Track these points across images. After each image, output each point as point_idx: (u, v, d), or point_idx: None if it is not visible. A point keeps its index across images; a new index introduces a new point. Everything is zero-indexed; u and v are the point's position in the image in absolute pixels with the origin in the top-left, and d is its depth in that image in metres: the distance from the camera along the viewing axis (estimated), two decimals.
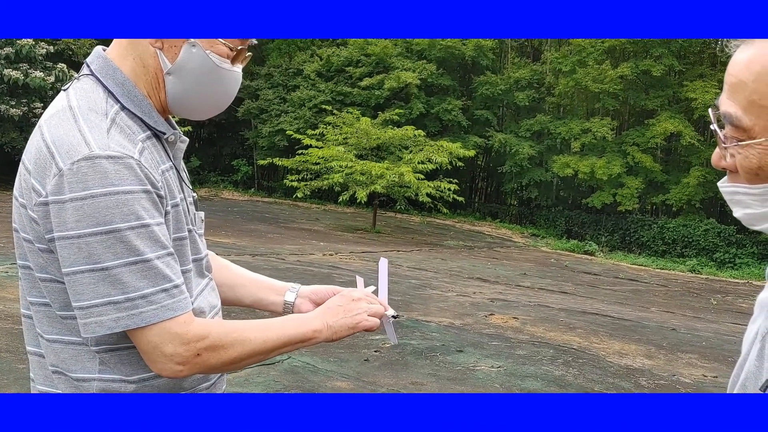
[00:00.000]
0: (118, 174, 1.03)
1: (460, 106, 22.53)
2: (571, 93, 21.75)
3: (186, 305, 1.09)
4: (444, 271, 11.28)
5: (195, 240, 1.23)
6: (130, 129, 1.11)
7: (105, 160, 1.03)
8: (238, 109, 24.31)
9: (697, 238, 19.39)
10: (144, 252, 1.04)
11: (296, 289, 1.42)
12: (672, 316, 9.05)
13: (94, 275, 1.03)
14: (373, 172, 16.38)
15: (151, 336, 1.06)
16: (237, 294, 1.43)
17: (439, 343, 5.99)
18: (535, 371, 5.36)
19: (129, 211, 1.03)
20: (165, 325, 1.06)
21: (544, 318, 7.67)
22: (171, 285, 1.07)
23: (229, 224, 15.65)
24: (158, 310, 1.05)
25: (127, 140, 1.08)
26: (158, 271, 1.05)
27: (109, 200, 1.02)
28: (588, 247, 18.61)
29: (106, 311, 1.03)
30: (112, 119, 1.09)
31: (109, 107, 1.11)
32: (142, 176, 1.06)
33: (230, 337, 1.12)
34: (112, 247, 1.02)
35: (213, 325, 1.13)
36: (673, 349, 6.75)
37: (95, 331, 1.04)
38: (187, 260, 1.18)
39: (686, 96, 19.81)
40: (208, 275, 1.29)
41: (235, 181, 25.47)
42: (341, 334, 1.24)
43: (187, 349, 1.07)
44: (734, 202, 0.83)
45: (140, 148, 1.09)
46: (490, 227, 21.99)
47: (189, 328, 1.08)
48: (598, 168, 19.85)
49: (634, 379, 5.43)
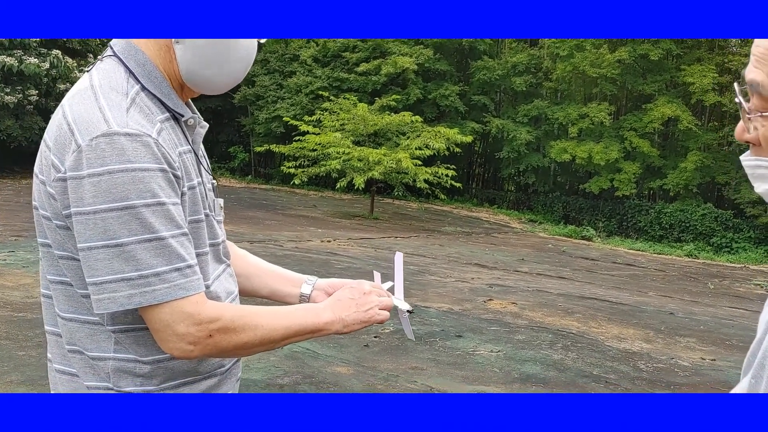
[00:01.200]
0: (135, 151, 1.04)
1: (458, 91, 22.44)
2: (569, 78, 21.67)
3: (199, 286, 1.09)
4: (442, 257, 11.29)
5: (212, 225, 1.23)
6: (150, 109, 1.11)
7: (123, 137, 1.04)
8: (235, 95, 24.18)
9: (694, 223, 19.43)
10: (159, 230, 1.05)
11: (312, 282, 1.42)
12: (670, 300, 9.08)
13: (108, 251, 1.03)
14: (370, 158, 16.34)
15: (163, 314, 1.06)
16: (253, 284, 1.43)
17: (438, 329, 6.00)
18: (534, 355, 5.38)
19: (145, 189, 1.04)
20: (177, 304, 1.06)
21: (542, 303, 7.69)
22: (185, 264, 1.07)
23: (227, 211, 15.44)
24: (171, 288, 1.06)
25: (146, 119, 1.09)
26: (172, 250, 1.06)
27: (126, 177, 1.03)
28: (585, 232, 18.64)
29: (119, 287, 1.04)
30: (132, 99, 1.10)
31: (129, 87, 1.12)
32: (159, 155, 1.06)
33: (242, 321, 1.12)
34: (128, 223, 1.03)
35: (226, 307, 1.14)
36: (671, 332, 6.78)
37: (108, 307, 1.05)
38: (204, 243, 1.18)
39: (684, 80, 19.77)
40: (226, 261, 1.29)
41: (232, 168, 25.40)
42: (353, 328, 1.24)
43: (199, 330, 1.08)
44: (756, 176, 0.81)
45: (158, 129, 1.10)
46: (487, 213, 21.99)
47: (201, 308, 1.08)
48: (596, 153, 19.83)
49: (633, 363, 5.45)
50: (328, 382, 4.39)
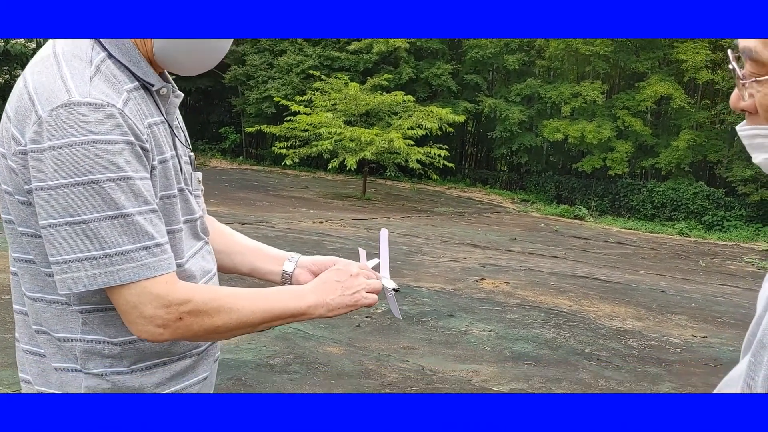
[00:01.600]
0: (98, 122, 0.98)
1: (450, 70, 22.29)
2: (562, 56, 21.55)
3: (169, 265, 1.04)
4: (435, 237, 11.27)
5: (188, 199, 1.17)
6: (116, 78, 1.05)
7: (85, 107, 0.97)
8: (225, 75, 23.94)
9: (685, 202, 19.48)
10: (124, 206, 0.99)
11: (295, 259, 1.36)
12: (661, 278, 9.10)
13: (71, 228, 0.98)
14: (362, 138, 16.24)
15: (129, 295, 1.01)
16: (234, 261, 1.37)
17: (430, 308, 5.99)
18: (526, 334, 5.37)
19: (109, 162, 0.98)
20: (145, 285, 1.01)
21: (534, 282, 7.69)
22: (153, 243, 1.02)
23: (218, 192, 15.53)
24: (138, 268, 1.00)
25: (111, 89, 1.02)
26: (139, 227, 1.00)
27: (88, 149, 0.97)
28: (578, 211, 18.66)
29: (83, 267, 0.98)
30: (97, 66, 1.04)
31: (94, 54, 1.05)
32: (125, 126, 1.00)
33: (216, 303, 1.06)
34: (91, 199, 0.97)
35: (198, 289, 1.08)
36: (663, 310, 6.79)
37: (71, 287, 1.00)
38: (177, 219, 1.13)
39: (676, 58, 19.68)
40: (204, 238, 1.24)
41: (223, 149, 25.23)
42: (338, 312, 1.18)
43: (168, 312, 1.02)
44: (754, 146, 0.77)
45: (125, 98, 1.03)
46: (480, 193, 21.97)
47: (171, 289, 1.03)
48: (588, 132, 19.79)
49: (624, 341, 5.46)
50: (319, 362, 4.37)
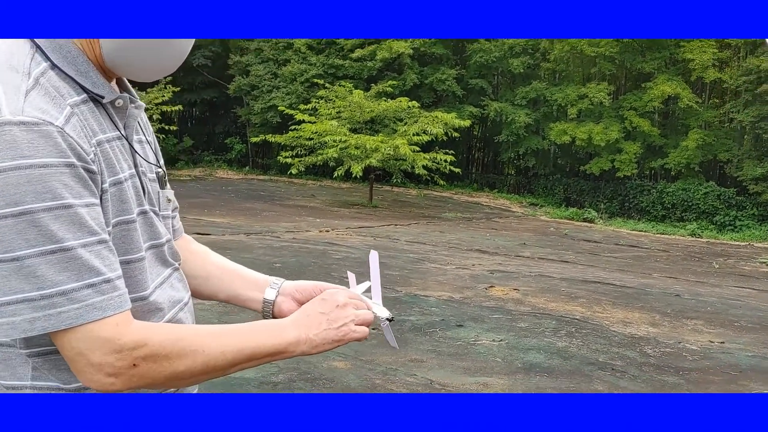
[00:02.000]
0: (31, 144, 0.84)
1: (455, 75, 22.18)
2: (567, 58, 21.39)
3: (120, 304, 0.90)
4: (442, 243, 11.12)
5: (152, 222, 1.04)
6: (58, 91, 0.92)
7: (16, 127, 0.84)
8: (229, 86, 23.95)
9: (696, 202, 19.24)
10: (64, 238, 0.86)
11: (278, 285, 1.22)
12: (675, 281, 8.91)
13: (4, 267, 0.85)
14: (367, 145, 16.14)
15: (74, 341, 0.88)
16: (211, 287, 1.24)
17: (438, 318, 5.84)
18: (537, 343, 5.22)
19: (44, 189, 0.85)
20: (91, 328, 0.87)
21: (545, 288, 7.52)
22: (100, 279, 0.88)
23: (224, 203, 15.46)
24: (81, 309, 0.87)
25: (50, 104, 0.89)
26: (83, 262, 0.87)
27: (20, 175, 0.84)
28: (587, 214, 18.46)
29: (19, 310, 0.85)
30: (36, 79, 0.90)
31: (33, 65, 0.92)
32: (65, 147, 0.87)
33: (177, 346, 0.92)
34: (24, 232, 0.84)
35: (155, 330, 0.94)
36: (678, 315, 6.61)
37: (9, 333, 0.87)
38: (137, 247, 0.99)
39: (683, 57, 19.50)
40: (174, 264, 1.10)
41: (229, 160, 25.21)
42: (323, 349, 1.03)
43: (120, 358, 0.89)
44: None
45: (67, 114, 0.90)
46: (487, 198, 21.81)
47: (122, 332, 0.89)
48: (596, 134, 19.61)
49: (640, 348, 5.29)
50: (324, 378, 4.23)
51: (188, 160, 24.91)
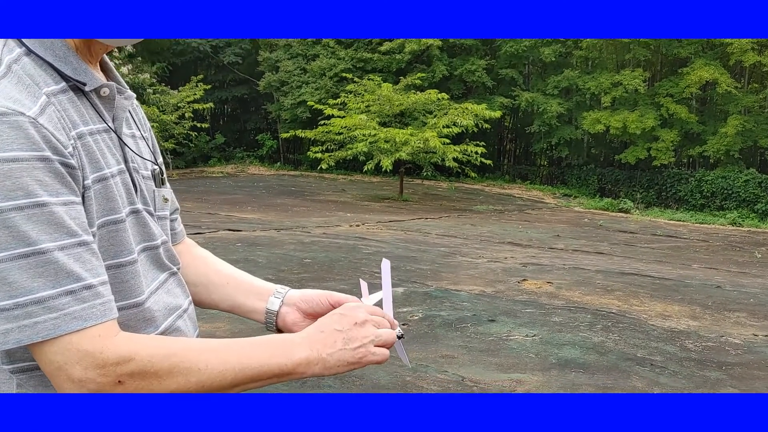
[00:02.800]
0: (0, 136, 0.77)
1: (484, 66, 21.92)
2: (600, 45, 20.95)
3: (104, 313, 0.82)
4: (474, 236, 10.98)
5: (145, 222, 0.96)
6: (33, 79, 0.84)
7: None
8: (259, 82, 24.08)
9: (737, 190, 18.70)
10: (38, 240, 0.78)
11: (282, 294, 1.13)
12: (715, 272, 8.64)
13: None
14: (397, 139, 16.05)
15: (52, 354, 0.80)
16: (212, 295, 1.15)
17: (470, 313, 5.74)
18: (572, 338, 5.08)
19: (14, 186, 0.77)
20: (70, 340, 0.79)
21: (579, 281, 7.35)
22: (80, 285, 0.80)
23: (255, 199, 15.55)
24: (59, 319, 0.79)
25: (23, 93, 0.82)
26: (59, 267, 0.79)
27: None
28: (622, 204, 18.09)
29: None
30: (8, 66, 0.84)
31: (5, 52, 0.85)
32: (38, 139, 0.79)
33: (168, 362, 0.83)
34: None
35: (143, 343, 0.85)
36: (719, 307, 6.39)
37: None
38: (127, 249, 0.91)
39: (721, 41, 18.91)
40: (171, 268, 1.02)
41: (260, 156, 25.38)
42: (337, 371, 0.93)
43: (103, 374, 0.80)
44: None
45: (43, 103, 0.82)
46: (520, 189, 21.53)
47: (105, 344, 0.81)
48: (631, 122, 19.18)
49: (680, 343, 5.11)
50: (353, 375, 4.17)
51: (220, 157, 25.15)
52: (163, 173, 1.07)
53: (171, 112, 20.02)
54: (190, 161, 23.81)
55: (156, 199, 1.02)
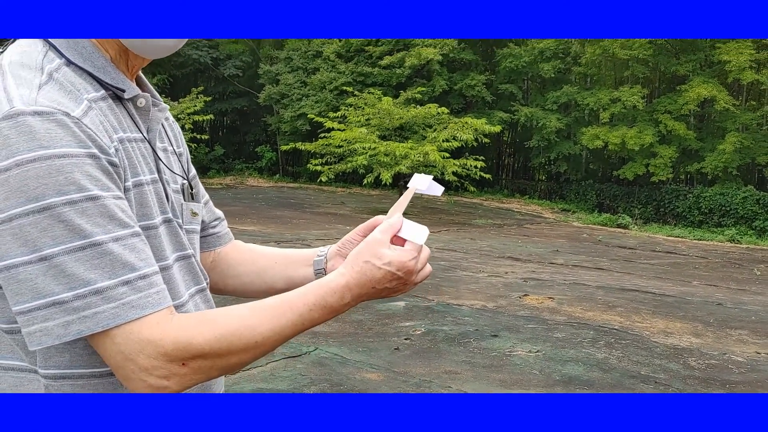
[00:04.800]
0: (48, 133, 0.79)
1: (484, 80, 22.02)
2: (599, 61, 21.08)
3: (160, 300, 0.84)
4: (474, 251, 10.98)
5: (176, 232, 0.97)
6: (74, 86, 0.86)
7: (30, 117, 0.79)
8: (260, 95, 24.15)
9: (735, 207, 18.74)
10: (93, 233, 0.80)
11: (324, 252, 1.15)
12: (716, 289, 8.64)
13: (31, 268, 0.78)
14: (397, 152, 16.07)
15: (116, 345, 0.81)
16: (266, 279, 1.17)
17: (472, 328, 5.72)
18: (576, 355, 5.07)
19: (67, 180, 0.78)
20: (130, 329, 0.81)
21: (581, 297, 7.35)
22: (136, 275, 0.82)
23: (255, 211, 15.53)
24: (118, 308, 0.80)
25: (66, 97, 0.83)
26: (115, 257, 0.81)
27: (40, 167, 0.78)
28: (621, 220, 18.11)
29: (51, 314, 0.79)
30: (50, 74, 0.85)
31: (47, 62, 0.87)
32: (84, 137, 0.81)
33: (227, 342, 0.85)
34: (50, 229, 0.78)
35: (198, 328, 0.85)
36: (721, 325, 6.38)
37: (42, 341, 0.80)
38: (162, 256, 0.92)
39: (719, 59, 19.03)
40: (203, 282, 1.03)
41: (260, 168, 25.38)
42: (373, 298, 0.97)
43: (169, 360, 0.82)
44: None
45: (85, 108, 0.84)
46: (519, 204, 21.56)
47: (165, 330, 0.82)
48: (629, 138, 19.25)
49: (683, 360, 5.10)
50: (357, 390, 4.15)
51: (219, 169, 25.15)
52: (192, 188, 1.07)
53: None
54: None
55: (184, 212, 1.03)
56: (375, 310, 6.08)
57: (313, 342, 5.03)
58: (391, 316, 5.97)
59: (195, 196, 1.08)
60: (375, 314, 5.96)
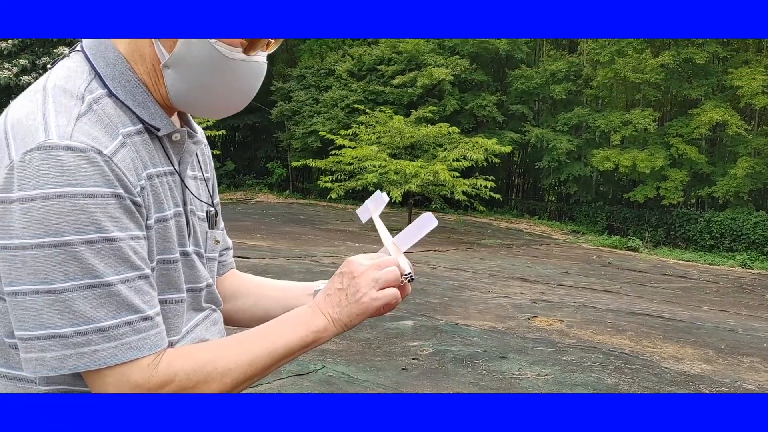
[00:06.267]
0: (79, 170, 0.81)
1: (495, 101, 22.09)
2: (610, 84, 21.11)
3: (156, 343, 0.87)
4: (482, 271, 10.94)
5: (194, 265, 0.99)
6: (111, 119, 0.88)
7: (64, 152, 0.81)
8: (272, 111, 24.33)
9: (746, 232, 18.61)
10: (103, 273, 0.82)
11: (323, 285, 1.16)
12: (727, 315, 8.55)
13: (38, 298, 0.81)
14: (407, 171, 16.11)
15: (106, 382, 0.84)
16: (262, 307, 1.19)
17: (480, 350, 5.68)
18: (585, 379, 5.01)
19: (88, 221, 0.81)
20: (123, 370, 0.84)
21: (590, 320, 7.29)
22: (138, 317, 0.85)
23: (264, 227, 15.57)
24: (116, 348, 0.83)
25: (102, 131, 0.86)
26: (121, 299, 0.83)
27: (64, 204, 0.80)
28: (631, 242, 18.01)
29: (49, 346, 0.81)
30: (89, 105, 0.87)
31: (89, 91, 0.89)
32: (112, 177, 0.83)
33: (203, 372, 0.88)
34: (63, 264, 0.81)
35: (180, 362, 0.88)
36: (733, 351, 6.31)
37: (37, 370, 0.83)
38: (178, 288, 0.95)
39: (731, 83, 19.03)
40: (209, 307, 1.06)
41: (270, 184, 25.50)
42: (352, 325, 0.96)
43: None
44: None
45: (119, 143, 0.86)
46: (528, 224, 21.50)
47: (152, 373, 0.85)
48: (640, 161, 19.21)
49: (694, 387, 5.04)
50: None
51: (230, 184, 25.29)
52: (217, 214, 1.10)
53: None
54: None
55: (208, 240, 1.05)
56: (383, 329, 6.06)
57: (321, 360, 5.01)
58: (399, 335, 5.94)
59: (217, 223, 1.10)
60: (383, 333, 5.94)
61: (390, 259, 0.99)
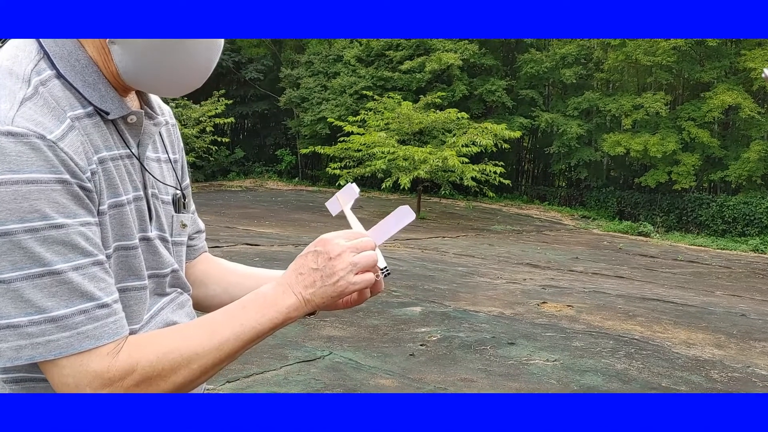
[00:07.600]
0: (19, 157, 0.77)
1: (504, 86, 21.91)
2: (621, 68, 20.87)
3: (116, 331, 0.83)
4: (492, 257, 10.89)
5: (155, 250, 0.95)
6: (59, 102, 0.84)
7: (4, 138, 0.77)
8: (280, 98, 24.27)
9: (759, 216, 18.42)
10: (52, 261, 0.79)
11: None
12: (739, 300, 8.47)
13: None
14: (416, 157, 16.03)
15: (63, 376, 0.81)
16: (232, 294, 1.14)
17: (489, 335, 5.65)
18: (594, 365, 4.97)
19: (30, 208, 0.78)
20: (81, 360, 0.80)
21: (600, 305, 7.23)
22: (94, 304, 0.81)
23: (273, 214, 15.59)
24: (72, 338, 0.80)
25: (48, 115, 0.81)
26: (74, 287, 0.80)
27: (5, 192, 0.77)
28: (642, 228, 17.88)
29: (4, 336, 0.79)
30: (35, 87, 0.83)
31: (35, 73, 0.84)
32: (56, 162, 0.79)
33: (167, 359, 0.84)
34: (9, 253, 0.78)
35: (142, 350, 0.84)
36: (745, 336, 6.24)
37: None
38: (139, 275, 0.92)
39: (745, 66, 18.76)
40: (173, 291, 1.01)
41: (279, 171, 25.50)
42: (326, 306, 0.92)
43: (114, 389, 0.82)
44: None
45: (67, 127, 0.82)
46: (538, 210, 21.39)
47: (112, 362, 0.82)
48: (652, 145, 19.02)
49: (705, 372, 4.99)
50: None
51: (239, 171, 25.31)
52: (185, 198, 1.05)
53: (192, 126, 20.22)
54: (209, 175, 23.99)
55: (174, 224, 1.01)
56: (391, 315, 6.04)
57: (328, 346, 5.00)
58: (406, 321, 5.92)
59: (186, 206, 1.06)
60: (391, 319, 5.92)
61: (368, 242, 0.95)
